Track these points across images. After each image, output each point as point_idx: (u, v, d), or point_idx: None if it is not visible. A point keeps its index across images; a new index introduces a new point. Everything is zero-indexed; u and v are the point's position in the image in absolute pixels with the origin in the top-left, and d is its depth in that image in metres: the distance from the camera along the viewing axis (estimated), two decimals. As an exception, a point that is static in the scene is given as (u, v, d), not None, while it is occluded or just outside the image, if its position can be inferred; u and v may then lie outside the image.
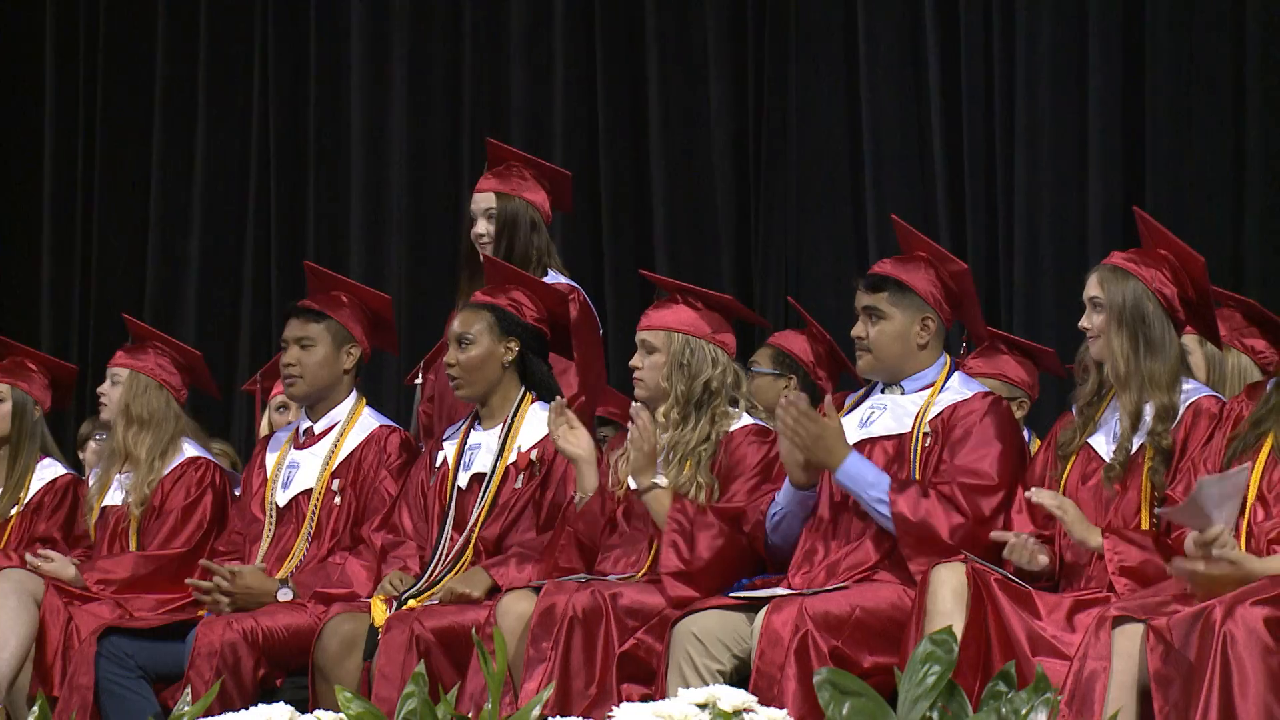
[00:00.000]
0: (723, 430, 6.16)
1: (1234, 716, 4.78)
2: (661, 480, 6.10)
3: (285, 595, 6.63)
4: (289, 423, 7.43)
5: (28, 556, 6.96)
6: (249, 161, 10.51)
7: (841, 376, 7.32)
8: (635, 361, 6.27)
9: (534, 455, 6.54)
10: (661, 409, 6.19)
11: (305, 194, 10.36)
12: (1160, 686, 4.92)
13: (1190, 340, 6.12)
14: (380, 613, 6.26)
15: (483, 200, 7.28)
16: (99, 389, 7.24)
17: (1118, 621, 5.04)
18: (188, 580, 6.71)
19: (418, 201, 10.12)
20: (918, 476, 5.81)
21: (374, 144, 10.20)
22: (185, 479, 7.08)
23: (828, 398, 5.92)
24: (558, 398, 6.41)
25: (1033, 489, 5.58)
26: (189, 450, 7.14)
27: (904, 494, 5.70)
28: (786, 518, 5.94)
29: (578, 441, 6.24)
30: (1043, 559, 5.53)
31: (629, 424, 6.17)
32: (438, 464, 6.66)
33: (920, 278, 5.94)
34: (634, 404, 6.23)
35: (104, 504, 7.12)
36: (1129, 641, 5.01)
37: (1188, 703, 4.85)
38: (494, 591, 6.27)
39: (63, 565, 6.93)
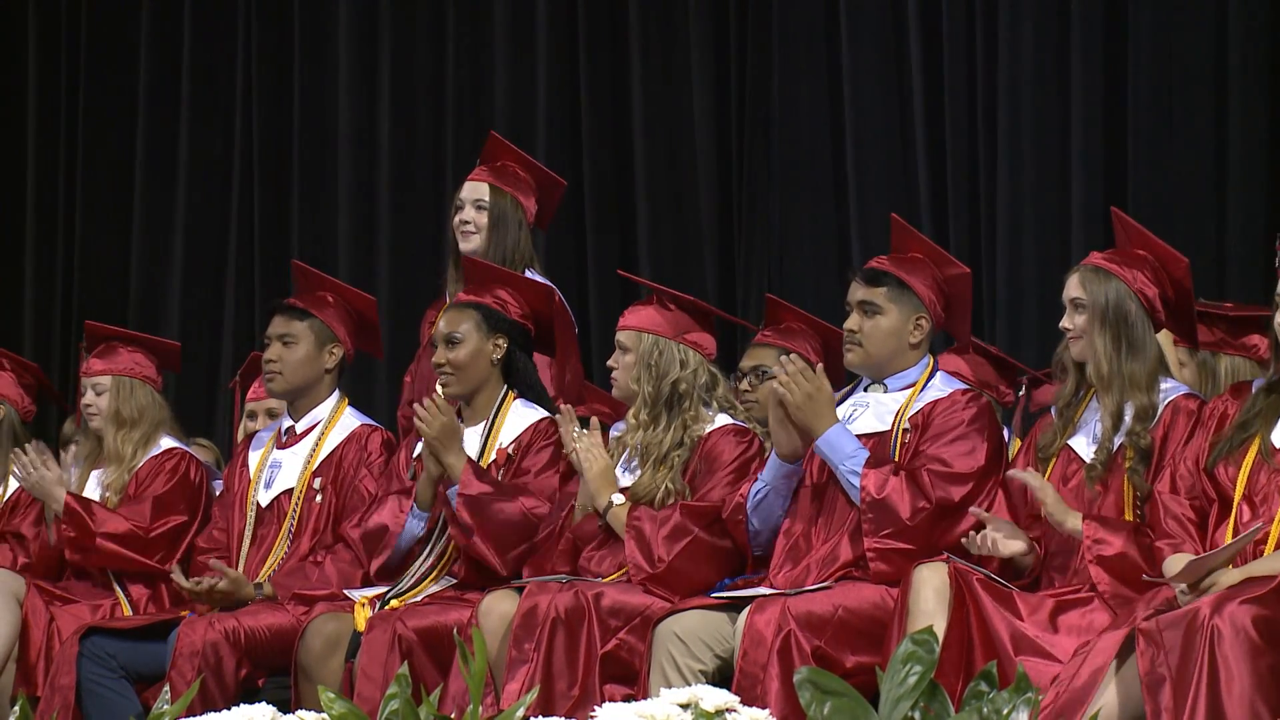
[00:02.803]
0: (696, 434, 6.17)
1: (1221, 716, 4.79)
2: (618, 498, 6.10)
3: (259, 597, 6.63)
4: (258, 429, 7.43)
5: (22, 449, 6.96)
6: (233, 161, 10.50)
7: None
8: (612, 361, 6.30)
9: (511, 450, 6.54)
10: (631, 410, 6.22)
11: (289, 194, 10.35)
12: (1150, 692, 4.91)
13: (1182, 353, 6.14)
14: (363, 616, 6.26)
15: (475, 190, 7.26)
16: (83, 401, 7.22)
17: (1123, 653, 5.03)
18: (173, 575, 6.72)
19: (402, 202, 10.11)
20: (897, 469, 5.84)
21: (358, 144, 10.19)
22: (161, 469, 7.08)
23: (819, 365, 5.93)
24: (566, 406, 6.40)
25: (1013, 470, 5.59)
26: (167, 442, 7.14)
27: (876, 470, 5.71)
28: (769, 495, 5.93)
29: (593, 458, 6.18)
30: (1016, 544, 5.51)
31: (575, 443, 6.17)
32: (416, 455, 6.65)
33: (919, 277, 5.96)
34: (574, 430, 6.23)
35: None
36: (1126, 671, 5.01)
37: (1177, 704, 4.85)
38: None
39: (55, 482, 6.92)
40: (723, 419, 6.22)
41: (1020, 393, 7.01)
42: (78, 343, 7.36)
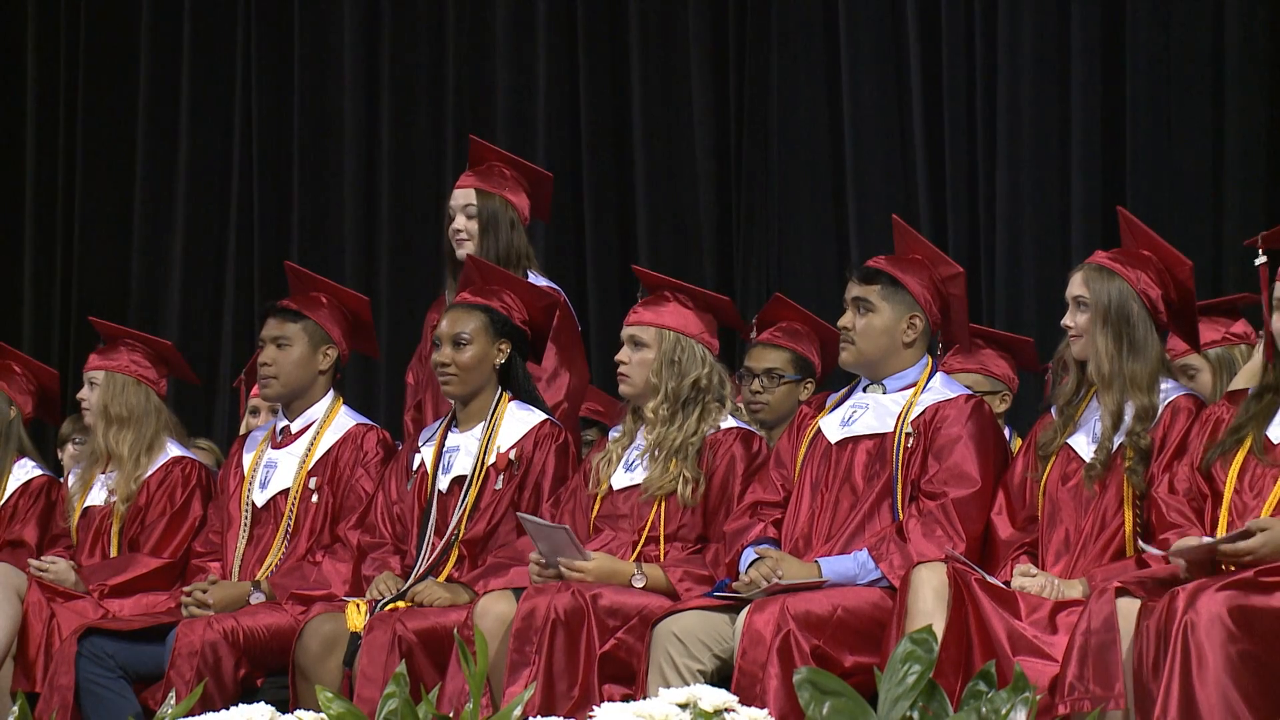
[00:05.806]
0: (712, 425, 6.17)
1: (1194, 702, 4.78)
2: (638, 581, 6.06)
3: (258, 599, 6.64)
4: (258, 425, 7.42)
5: (31, 562, 6.95)
6: (231, 161, 10.50)
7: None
8: (622, 356, 6.28)
9: (512, 455, 6.53)
10: (650, 405, 6.21)
11: (289, 194, 10.35)
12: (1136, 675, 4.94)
13: (1195, 358, 6.15)
14: (353, 618, 6.25)
15: (462, 196, 7.25)
16: (79, 395, 7.22)
17: (1119, 593, 5.04)
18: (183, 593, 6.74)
19: (401, 202, 10.12)
20: (899, 477, 5.83)
21: (357, 144, 10.20)
22: (170, 480, 7.06)
23: (773, 561, 5.81)
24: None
25: (1015, 578, 5.51)
26: (172, 450, 7.13)
27: (885, 558, 5.69)
28: None
29: (585, 572, 6.04)
30: (1074, 592, 5.43)
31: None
32: (415, 467, 6.65)
33: (914, 277, 5.96)
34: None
35: (86, 504, 7.11)
36: (1124, 620, 5.01)
37: (1152, 690, 4.85)
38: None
39: (65, 571, 6.92)
40: (731, 422, 6.22)
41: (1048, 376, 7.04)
42: (81, 342, 7.35)
